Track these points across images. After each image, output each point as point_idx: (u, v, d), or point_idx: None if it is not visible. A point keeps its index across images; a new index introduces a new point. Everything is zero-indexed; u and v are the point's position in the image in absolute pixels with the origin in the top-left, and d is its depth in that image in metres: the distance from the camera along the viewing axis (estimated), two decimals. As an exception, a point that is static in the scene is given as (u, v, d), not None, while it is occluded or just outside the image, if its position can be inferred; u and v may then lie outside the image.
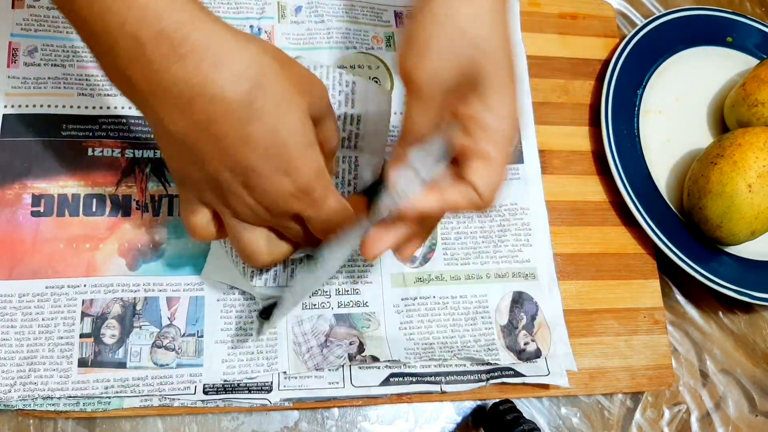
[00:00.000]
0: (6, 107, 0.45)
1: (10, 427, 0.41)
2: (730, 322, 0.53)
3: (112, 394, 0.40)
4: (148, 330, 0.42)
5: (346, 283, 0.46)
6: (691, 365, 0.51)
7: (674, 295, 0.53)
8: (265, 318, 0.39)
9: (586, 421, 0.47)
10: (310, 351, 0.43)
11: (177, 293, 0.43)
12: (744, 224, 0.49)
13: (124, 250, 0.44)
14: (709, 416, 0.49)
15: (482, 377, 0.44)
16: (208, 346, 0.42)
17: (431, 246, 0.48)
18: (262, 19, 0.52)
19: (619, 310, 0.50)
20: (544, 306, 0.48)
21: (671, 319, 0.52)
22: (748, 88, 0.55)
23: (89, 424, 0.41)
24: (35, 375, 0.40)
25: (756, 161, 0.49)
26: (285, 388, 0.43)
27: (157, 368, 0.41)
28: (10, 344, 0.40)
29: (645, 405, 0.49)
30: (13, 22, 0.48)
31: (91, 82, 0.47)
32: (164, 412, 0.42)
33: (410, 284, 0.47)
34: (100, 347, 0.41)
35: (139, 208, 0.45)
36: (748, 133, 0.50)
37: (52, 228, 0.43)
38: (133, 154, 0.46)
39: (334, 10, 0.53)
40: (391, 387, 0.44)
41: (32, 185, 0.44)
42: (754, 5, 0.65)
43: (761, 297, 0.51)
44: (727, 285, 0.50)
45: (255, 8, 0.52)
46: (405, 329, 0.45)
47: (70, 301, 0.42)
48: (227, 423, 0.43)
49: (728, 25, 0.61)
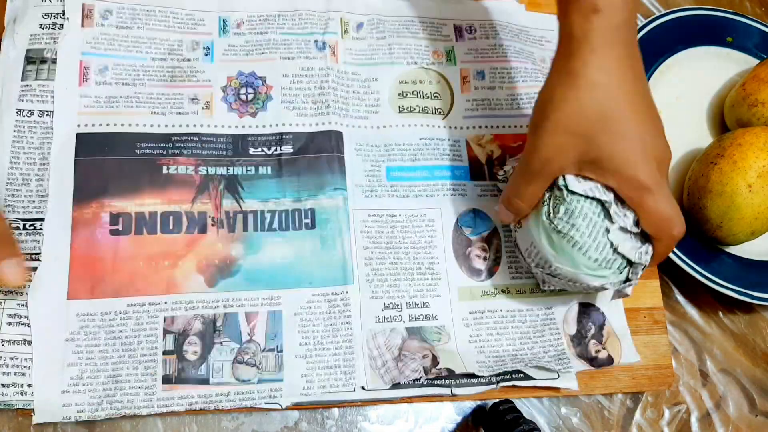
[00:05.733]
0: (79, 126, 0.46)
1: (10, 427, 0.41)
2: (730, 322, 0.53)
3: (197, 411, 0.41)
4: (229, 346, 0.43)
5: (416, 296, 0.46)
6: (691, 365, 0.51)
7: (674, 295, 0.53)
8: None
9: (586, 421, 0.47)
10: (386, 365, 0.44)
11: (255, 308, 0.44)
12: (744, 224, 0.49)
13: (202, 266, 0.44)
14: (709, 416, 0.50)
15: (492, 380, 0.44)
16: (287, 361, 0.43)
17: (496, 259, 0.49)
18: (326, 34, 0.52)
19: (619, 310, 0.50)
20: (611, 316, 0.48)
21: (671, 319, 0.52)
22: (748, 88, 0.55)
23: (89, 424, 0.41)
24: (121, 393, 0.40)
25: (756, 161, 0.49)
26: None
27: (239, 384, 0.42)
28: (95, 363, 0.41)
29: (645, 405, 0.49)
30: (83, 40, 0.48)
31: (162, 100, 0.48)
32: (164, 413, 0.42)
33: (477, 298, 0.47)
34: (183, 364, 0.42)
35: (215, 225, 0.45)
36: (748, 133, 0.51)
37: (131, 246, 0.44)
38: (207, 171, 0.47)
39: (395, 26, 0.54)
40: (401, 390, 0.44)
41: (110, 204, 0.44)
42: (754, 5, 0.66)
43: (761, 297, 0.51)
44: (727, 285, 0.51)
45: (318, 24, 0.52)
46: (475, 342, 0.46)
47: (152, 319, 0.42)
48: (227, 423, 0.43)
49: (728, 25, 0.61)
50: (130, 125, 0.47)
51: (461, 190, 0.50)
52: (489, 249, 0.49)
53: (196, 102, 0.48)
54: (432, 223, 0.49)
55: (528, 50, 0.56)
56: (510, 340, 0.46)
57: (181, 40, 0.50)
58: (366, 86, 0.52)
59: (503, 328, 0.47)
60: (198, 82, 0.49)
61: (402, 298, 0.46)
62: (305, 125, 0.49)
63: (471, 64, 0.54)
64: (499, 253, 0.49)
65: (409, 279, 0.47)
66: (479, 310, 0.47)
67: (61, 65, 0.47)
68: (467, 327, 0.46)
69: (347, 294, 0.45)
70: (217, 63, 0.50)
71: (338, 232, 0.46)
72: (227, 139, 0.48)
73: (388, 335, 0.45)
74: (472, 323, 0.46)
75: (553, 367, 0.45)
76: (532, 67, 0.55)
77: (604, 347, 0.47)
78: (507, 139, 0.52)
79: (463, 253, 0.48)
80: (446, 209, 0.49)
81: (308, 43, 0.52)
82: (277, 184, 0.47)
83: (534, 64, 0.55)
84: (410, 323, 0.46)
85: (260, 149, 0.48)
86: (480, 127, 0.52)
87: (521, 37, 0.56)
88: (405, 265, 0.47)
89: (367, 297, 0.45)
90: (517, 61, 0.55)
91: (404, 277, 0.47)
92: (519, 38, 0.56)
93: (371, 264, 0.46)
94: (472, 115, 0.53)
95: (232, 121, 0.48)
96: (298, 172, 0.48)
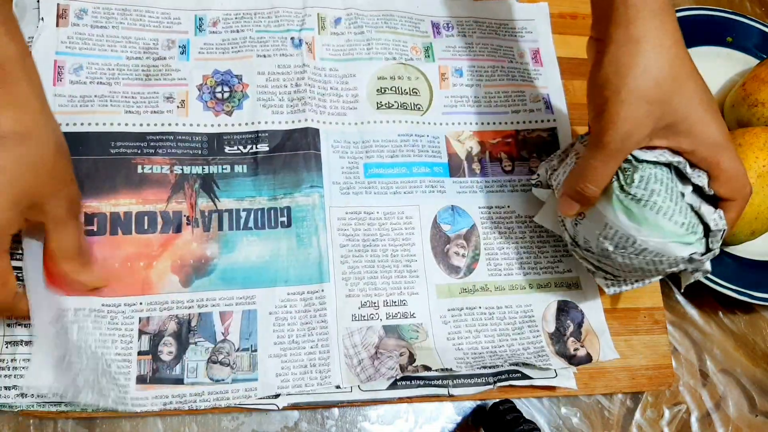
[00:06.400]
0: (54, 126, 0.46)
1: (10, 427, 0.41)
2: (730, 322, 0.53)
3: (171, 410, 0.41)
4: (204, 346, 0.43)
5: (393, 294, 0.46)
6: (691, 365, 0.51)
7: (674, 295, 0.53)
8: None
9: (586, 421, 0.47)
10: (362, 363, 0.44)
11: (230, 308, 0.44)
12: (744, 224, 0.49)
13: (177, 266, 0.44)
14: (709, 416, 0.50)
15: (489, 380, 0.44)
16: (262, 361, 0.43)
17: (475, 256, 0.48)
18: (302, 30, 0.52)
19: (619, 310, 0.50)
20: (588, 314, 0.48)
21: (671, 319, 0.52)
22: (748, 88, 0.55)
23: (89, 424, 0.42)
24: (99, 385, 0.40)
25: (756, 161, 0.49)
26: (293, 393, 0.43)
27: (213, 383, 0.42)
28: (71, 353, 0.40)
29: (645, 405, 0.49)
30: (57, 40, 0.48)
31: (137, 99, 0.48)
32: (164, 413, 0.42)
33: (456, 294, 0.47)
34: (158, 364, 0.42)
35: (190, 224, 0.45)
36: (748, 133, 0.51)
37: (107, 247, 0.44)
38: (182, 170, 0.46)
39: (373, 21, 0.53)
40: (399, 391, 0.44)
41: (85, 204, 0.44)
42: (754, 5, 0.66)
43: (761, 297, 0.51)
44: (727, 285, 0.51)
45: (295, 20, 0.52)
46: (453, 339, 0.46)
47: (127, 320, 0.42)
48: (227, 423, 0.43)
49: (728, 25, 0.61)
50: (104, 124, 0.46)
51: (440, 187, 0.50)
52: (468, 246, 0.49)
53: (171, 101, 0.48)
54: (410, 220, 0.48)
55: (507, 46, 0.55)
56: (489, 337, 0.46)
57: (156, 39, 0.50)
58: (344, 82, 0.51)
59: (482, 325, 0.47)
60: (173, 81, 0.49)
61: (379, 296, 0.46)
62: (281, 123, 0.49)
63: (449, 61, 0.54)
64: (477, 250, 0.49)
65: (386, 277, 0.46)
66: (458, 307, 0.47)
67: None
68: (445, 324, 0.46)
69: (323, 292, 0.45)
70: (193, 61, 0.50)
71: (314, 230, 0.46)
72: (203, 138, 0.48)
73: (365, 333, 0.45)
74: (450, 320, 0.46)
75: (534, 363, 0.44)
76: (508, 66, 0.55)
77: (582, 345, 0.47)
78: (486, 136, 0.52)
79: (442, 251, 0.48)
80: (425, 206, 0.49)
81: (284, 41, 0.51)
82: (253, 182, 0.47)
83: (511, 62, 0.55)
84: (387, 321, 0.45)
85: (236, 148, 0.48)
86: (459, 124, 0.52)
87: (500, 32, 0.56)
88: (382, 263, 0.47)
89: (344, 295, 0.45)
90: (494, 60, 0.55)
91: (381, 275, 0.46)
92: (497, 34, 0.56)
93: (348, 262, 0.46)
94: (452, 112, 0.52)
95: (207, 119, 0.48)
96: (274, 171, 0.47)
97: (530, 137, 0.53)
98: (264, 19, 0.52)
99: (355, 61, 0.52)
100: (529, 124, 0.53)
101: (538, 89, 0.54)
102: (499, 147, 0.52)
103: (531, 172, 0.51)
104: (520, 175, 0.51)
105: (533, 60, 0.55)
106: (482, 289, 0.48)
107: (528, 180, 0.51)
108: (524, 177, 0.51)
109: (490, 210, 0.50)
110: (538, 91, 0.54)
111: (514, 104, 0.53)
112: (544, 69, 0.55)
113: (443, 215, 0.49)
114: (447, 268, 0.48)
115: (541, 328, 0.47)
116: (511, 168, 0.51)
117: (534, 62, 0.55)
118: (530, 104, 0.54)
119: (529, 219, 0.50)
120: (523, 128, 0.53)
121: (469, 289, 0.47)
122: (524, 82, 0.54)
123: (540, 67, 0.55)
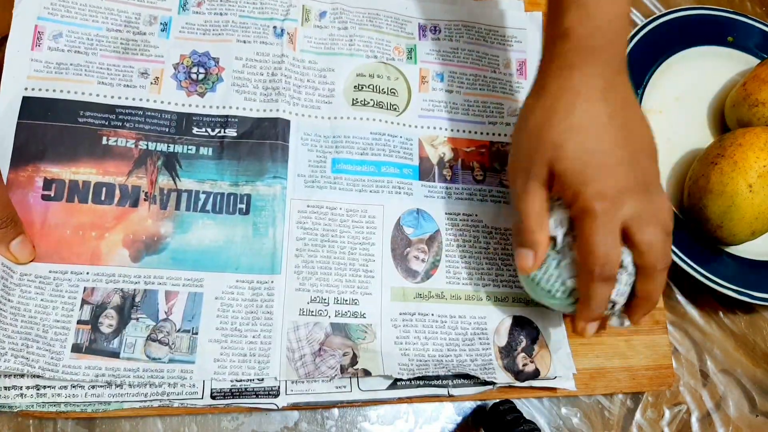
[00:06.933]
0: (26, 90, 0.46)
1: (10, 427, 0.41)
2: (731, 322, 0.53)
3: (102, 383, 0.40)
4: (145, 323, 0.42)
5: (345, 292, 0.46)
6: (692, 365, 0.51)
7: (674, 295, 0.53)
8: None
9: (587, 421, 0.47)
10: (303, 359, 0.43)
11: (176, 288, 0.43)
12: (744, 224, 0.49)
13: (128, 241, 0.44)
14: (710, 416, 0.49)
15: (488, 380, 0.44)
16: (201, 344, 0.42)
17: (435, 262, 0.48)
18: (286, 20, 0.52)
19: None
20: (546, 331, 0.47)
21: (671, 319, 0.52)
22: (748, 87, 0.54)
23: (89, 424, 0.42)
24: (27, 351, 0.40)
25: (756, 161, 0.49)
26: (292, 392, 0.42)
27: (149, 361, 0.41)
28: (5, 317, 0.41)
29: (645, 405, 0.49)
30: (40, 5, 0.48)
31: (112, 71, 0.48)
32: (164, 413, 0.42)
33: (410, 299, 0.47)
34: (96, 335, 0.41)
35: (147, 200, 0.45)
36: (749, 133, 0.50)
37: (61, 213, 0.44)
38: (147, 146, 0.46)
39: (358, 18, 0.53)
40: (398, 391, 0.44)
41: (45, 169, 0.44)
42: (754, 5, 0.65)
43: (761, 297, 0.51)
44: (727, 285, 0.50)
45: (280, 9, 0.52)
46: (401, 344, 0.45)
47: (72, 287, 0.42)
48: (227, 423, 0.43)
49: (729, 25, 0.60)
50: (75, 93, 0.47)
51: (407, 189, 0.49)
52: (429, 251, 0.48)
53: (145, 76, 0.48)
54: (373, 219, 0.48)
55: (493, 54, 0.55)
56: (437, 346, 0.46)
57: (139, 14, 0.50)
58: (321, 76, 0.51)
59: (432, 332, 0.46)
60: (150, 57, 0.49)
61: (330, 292, 0.45)
62: (252, 110, 0.49)
63: (431, 65, 0.53)
64: (438, 256, 0.48)
65: (340, 274, 0.46)
66: (410, 312, 0.46)
67: (15, 28, 0.47)
68: (395, 328, 0.46)
69: (272, 284, 0.44)
70: (173, 40, 0.50)
71: (272, 220, 0.46)
72: (172, 116, 0.48)
73: (311, 329, 0.44)
74: (400, 324, 0.46)
75: (478, 376, 0.44)
76: (491, 76, 0.54)
77: (532, 361, 0.46)
78: (461, 143, 0.52)
79: (402, 253, 0.47)
80: (390, 207, 0.48)
81: (266, 29, 0.51)
82: (216, 166, 0.47)
83: (494, 72, 0.54)
84: (336, 319, 0.45)
85: (204, 129, 0.48)
86: (435, 128, 0.52)
87: (489, 38, 0.55)
88: (338, 260, 0.46)
89: (293, 288, 0.45)
90: (477, 68, 0.54)
91: (336, 271, 0.46)
92: (485, 40, 0.55)
93: (302, 256, 0.46)
94: (428, 116, 0.52)
95: (179, 98, 0.48)
96: (239, 157, 0.47)
97: (504, 150, 0.52)
98: (249, 5, 0.52)
99: (335, 56, 0.52)
100: (504, 137, 0.52)
101: (518, 103, 0.53)
102: (473, 156, 0.51)
103: (502, 184, 0.51)
104: (491, 185, 0.51)
105: (518, 72, 0.55)
106: (437, 296, 0.47)
107: (498, 191, 0.50)
108: (494, 188, 0.51)
109: (456, 217, 0.49)
110: (517, 105, 0.53)
111: (492, 116, 0.53)
112: (527, 83, 0.54)
113: (407, 218, 0.48)
114: (405, 271, 0.47)
115: (492, 342, 0.46)
116: (483, 177, 0.51)
117: (518, 74, 0.55)
118: (507, 117, 0.53)
119: (495, 230, 0.49)
120: (498, 140, 0.52)
121: (425, 295, 0.47)
122: (504, 94, 0.54)
123: (523, 80, 0.54)
